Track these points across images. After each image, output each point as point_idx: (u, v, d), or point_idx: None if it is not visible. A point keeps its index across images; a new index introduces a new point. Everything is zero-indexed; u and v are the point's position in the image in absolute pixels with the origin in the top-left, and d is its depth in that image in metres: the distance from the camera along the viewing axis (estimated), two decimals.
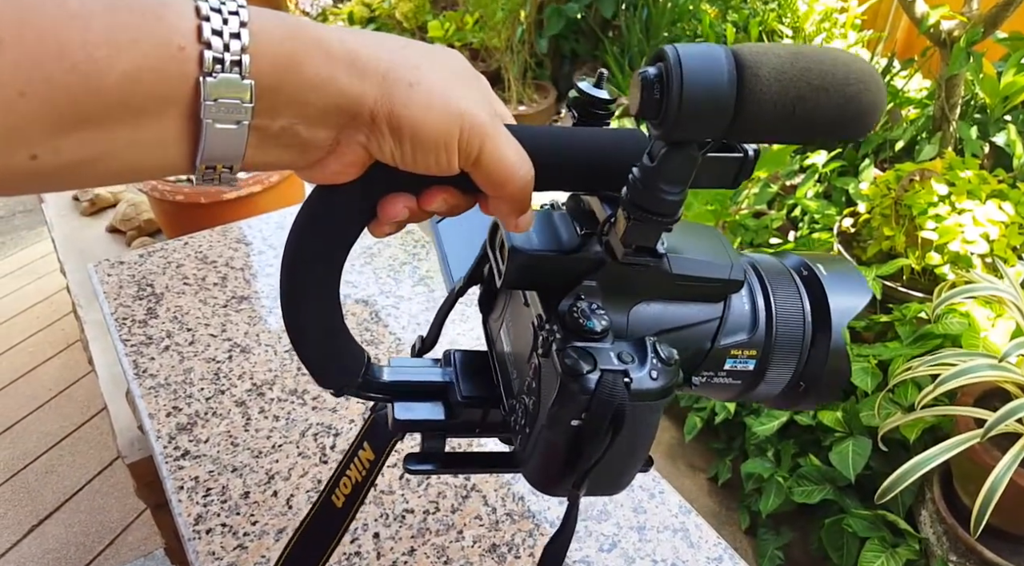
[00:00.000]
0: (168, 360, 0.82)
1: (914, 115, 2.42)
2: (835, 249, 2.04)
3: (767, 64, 0.30)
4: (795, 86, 0.30)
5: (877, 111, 0.31)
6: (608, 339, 0.37)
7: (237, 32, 0.27)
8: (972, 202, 1.73)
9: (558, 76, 3.44)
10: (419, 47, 0.33)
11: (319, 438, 0.73)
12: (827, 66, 0.30)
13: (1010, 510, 1.38)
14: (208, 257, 0.97)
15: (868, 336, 1.85)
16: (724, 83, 0.29)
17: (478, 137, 0.31)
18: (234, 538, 0.65)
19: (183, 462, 0.71)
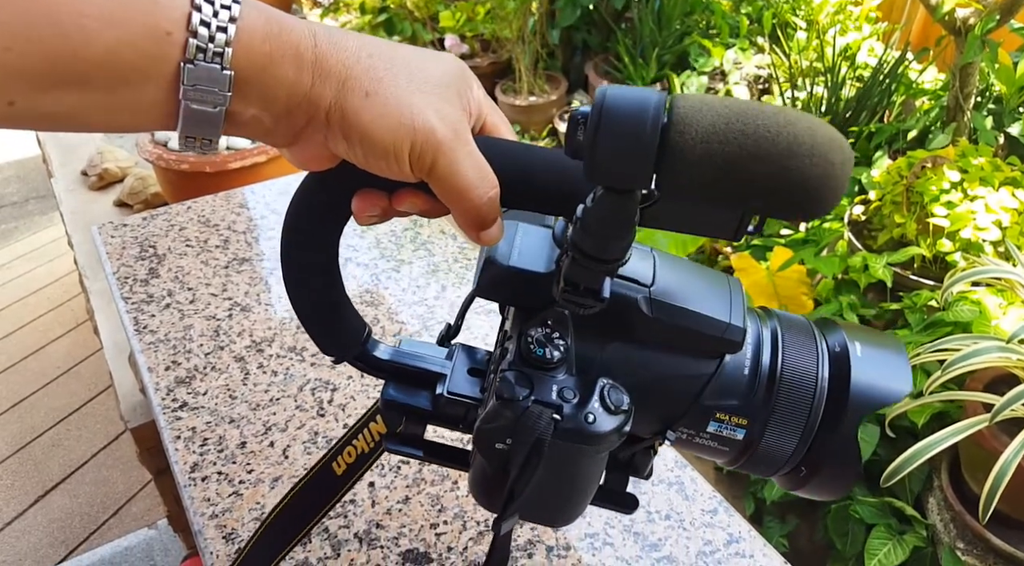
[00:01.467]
0: (168, 317, 0.82)
1: (927, 105, 2.40)
2: (845, 237, 2.03)
3: (699, 122, 0.27)
4: (725, 150, 0.27)
5: (828, 191, 0.28)
6: (560, 370, 0.36)
7: (224, 26, 0.29)
8: (985, 189, 1.71)
9: (569, 67, 3.44)
10: (395, 55, 0.33)
11: (316, 393, 0.73)
12: (769, 133, 0.27)
13: (1018, 496, 1.36)
14: (211, 221, 0.97)
15: (878, 324, 1.84)
16: (644, 133, 0.28)
17: (431, 151, 0.32)
18: (229, 485, 0.64)
19: (181, 413, 0.71)
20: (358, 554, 0.59)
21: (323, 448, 0.67)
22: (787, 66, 2.92)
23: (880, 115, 2.54)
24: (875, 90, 2.51)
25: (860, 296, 1.88)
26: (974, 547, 1.46)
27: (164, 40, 0.28)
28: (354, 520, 0.61)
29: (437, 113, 0.32)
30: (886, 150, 2.38)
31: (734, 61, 3.11)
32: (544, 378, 0.36)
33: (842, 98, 2.59)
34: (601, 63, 3.28)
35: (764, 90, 3.16)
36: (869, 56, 2.94)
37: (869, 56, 2.94)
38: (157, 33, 0.28)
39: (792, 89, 2.80)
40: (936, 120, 2.28)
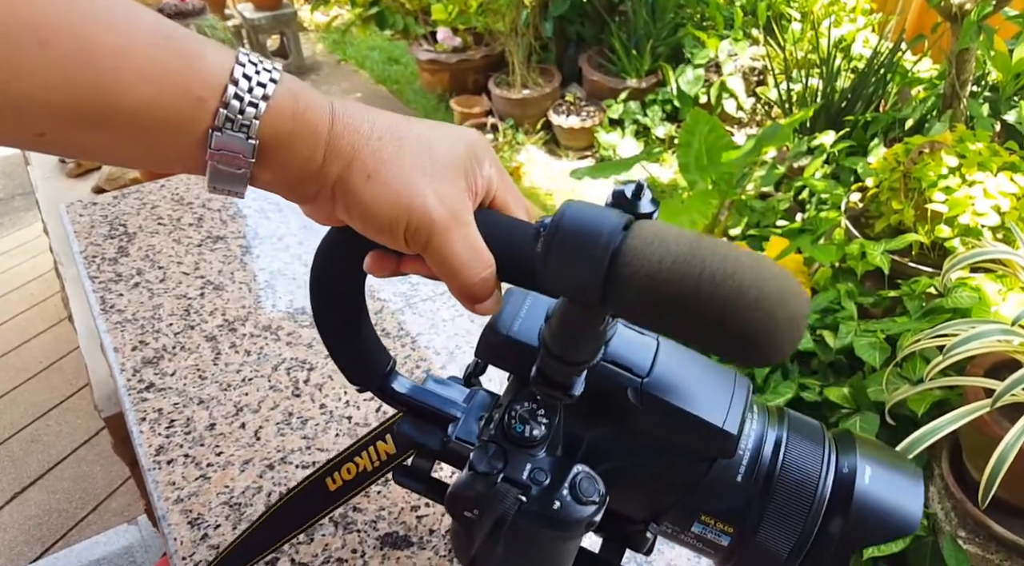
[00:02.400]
0: (137, 296, 0.78)
1: (923, 94, 2.37)
2: (843, 225, 2.00)
3: (647, 255, 0.27)
4: (667, 289, 0.27)
5: (769, 346, 0.27)
6: (539, 449, 0.36)
7: (256, 102, 0.31)
8: (983, 174, 1.69)
9: (563, 60, 3.40)
10: (405, 136, 0.34)
11: (292, 372, 0.69)
12: (713, 280, 0.26)
13: (1019, 483, 1.33)
14: (184, 199, 0.93)
15: (876, 312, 1.81)
16: (594, 256, 0.28)
17: (424, 232, 0.33)
18: (196, 468, 0.61)
19: (147, 394, 0.67)
20: (333, 539, 0.55)
21: (297, 430, 0.64)
22: (782, 58, 2.89)
23: (876, 104, 2.51)
24: (870, 79, 2.49)
25: (858, 284, 1.85)
26: (976, 535, 1.43)
27: (197, 105, 0.30)
28: None
29: (436, 194, 0.34)
30: (882, 139, 2.35)
31: (729, 53, 3.08)
32: (520, 455, 0.36)
33: (837, 89, 2.56)
34: (595, 56, 3.25)
35: (759, 81, 3.14)
36: (864, 47, 2.91)
37: (864, 47, 2.91)
38: (190, 97, 0.30)
39: (787, 81, 2.77)
40: (932, 108, 2.25)
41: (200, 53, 0.30)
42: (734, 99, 3.06)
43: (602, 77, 3.14)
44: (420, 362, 0.70)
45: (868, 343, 1.65)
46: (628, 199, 0.35)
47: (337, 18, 4.69)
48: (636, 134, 3.08)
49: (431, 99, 3.59)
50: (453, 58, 3.40)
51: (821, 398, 1.67)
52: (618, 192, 0.35)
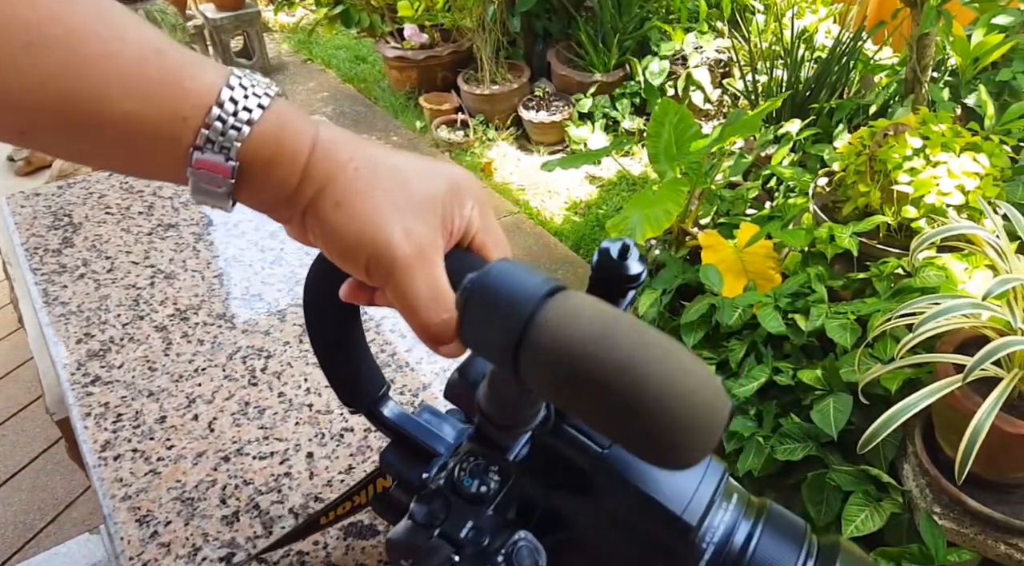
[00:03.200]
0: (82, 287, 0.74)
1: (886, 80, 2.39)
2: (811, 210, 2.00)
3: (559, 330, 0.25)
4: (570, 368, 0.25)
5: (663, 451, 0.25)
6: (485, 507, 0.34)
7: (240, 126, 0.30)
8: (947, 154, 1.70)
9: (532, 55, 3.38)
10: (383, 169, 0.34)
11: (248, 361, 0.66)
12: (616, 371, 0.24)
13: (992, 457, 1.34)
14: (134, 187, 0.89)
15: (846, 294, 1.81)
16: (508, 321, 0.26)
17: (385, 267, 0.33)
18: (145, 463, 0.57)
19: (92, 388, 0.63)
20: None
21: (254, 420, 0.61)
22: (747, 50, 2.90)
23: (840, 92, 2.53)
24: (833, 68, 2.50)
25: (827, 267, 1.85)
26: (951, 511, 1.44)
27: (180, 123, 0.30)
28: (289, 495, 0.55)
29: (403, 230, 0.33)
30: (847, 125, 2.37)
31: (694, 45, 3.09)
32: (464, 511, 0.34)
33: (801, 79, 2.58)
34: (563, 50, 3.24)
35: (725, 73, 3.15)
36: (826, 37, 2.94)
37: (826, 37, 2.94)
38: (174, 115, 0.30)
39: (753, 72, 2.78)
40: (895, 94, 2.27)
41: (190, 73, 0.30)
42: (701, 91, 3.07)
43: (570, 71, 3.13)
44: (419, 391, 0.66)
45: (839, 325, 1.65)
46: (614, 259, 0.34)
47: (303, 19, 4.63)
48: (606, 128, 3.08)
49: (399, 97, 3.55)
50: (421, 55, 3.36)
51: (794, 381, 1.66)
52: (604, 251, 0.34)
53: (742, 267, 2.00)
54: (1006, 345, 1.23)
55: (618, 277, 0.34)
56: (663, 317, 2.02)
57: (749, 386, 1.70)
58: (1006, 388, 1.29)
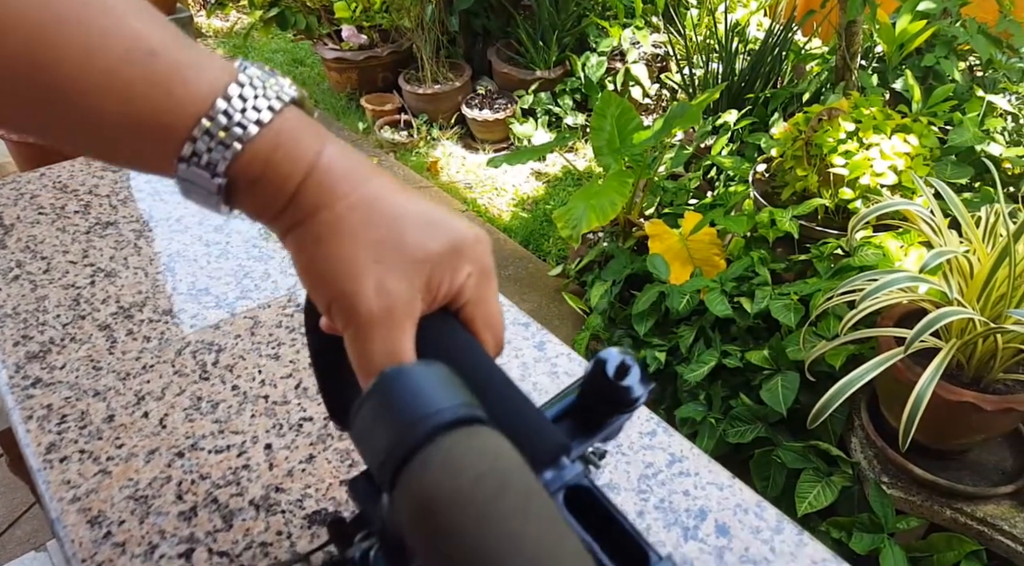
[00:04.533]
0: (17, 289, 0.71)
1: (817, 68, 2.47)
2: (751, 196, 2.05)
3: (438, 474, 0.23)
4: (431, 528, 0.22)
5: None
6: None
7: (230, 144, 0.28)
8: (878, 137, 1.76)
9: (472, 53, 3.38)
10: (382, 215, 0.31)
11: (199, 355, 0.64)
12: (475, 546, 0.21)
13: (934, 425, 1.39)
14: (68, 186, 0.85)
15: (789, 276, 1.86)
16: (393, 436, 0.24)
17: (343, 317, 0.31)
18: (95, 464, 0.55)
19: (33, 390, 0.61)
20: (255, 523, 0.51)
21: (208, 414, 0.59)
22: (683, 44, 2.95)
23: (774, 82, 2.60)
24: (766, 58, 2.57)
25: (770, 251, 1.90)
26: (898, 480, 1.49)
27: (163, 131, 0.28)
28: (248, 487, 0.53)
29: (377, 285, 0.30)
30: (782, 114, 2.44)
31: (632, 41, 3.13)
32: None
33: (736, 71, 2.64)
34: (503, 48, 3.24)
35: (662, 68, 3.20)
36: (758, 30, 3.01)
37: (758, 30, 3.01)
38: (157, 124, 0.28)
39: (689, 66, 2.83)
40: (826, 81, 2.34)
41: (183, 78, 0.28)
42: (639, 86, 3.11)
43: (512, 69, 3.14)
44: None
45: (783, 305, 1.69)
46: (610, 380, 0.30)
47: (236, 23, 4.53)
48: (549, 124, 3.10)
49: (340, 98, 3.51)
50: (360, 56, 3.33)
51: (743, 363, 1.70)
52: (599, 363, 0.30)
53: (688, 255, 2.04)
54: (943, 315, 1.28)
55: (615, 400, 0.30)
56: (613, 307, 2.04)
57: (700, 370, 1.73)
58: (945, 357, 1.34)
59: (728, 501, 0.52)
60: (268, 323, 0.67)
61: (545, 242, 2.62)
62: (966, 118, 1.95)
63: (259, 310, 0.69)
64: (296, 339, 0.65)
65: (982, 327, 1.32)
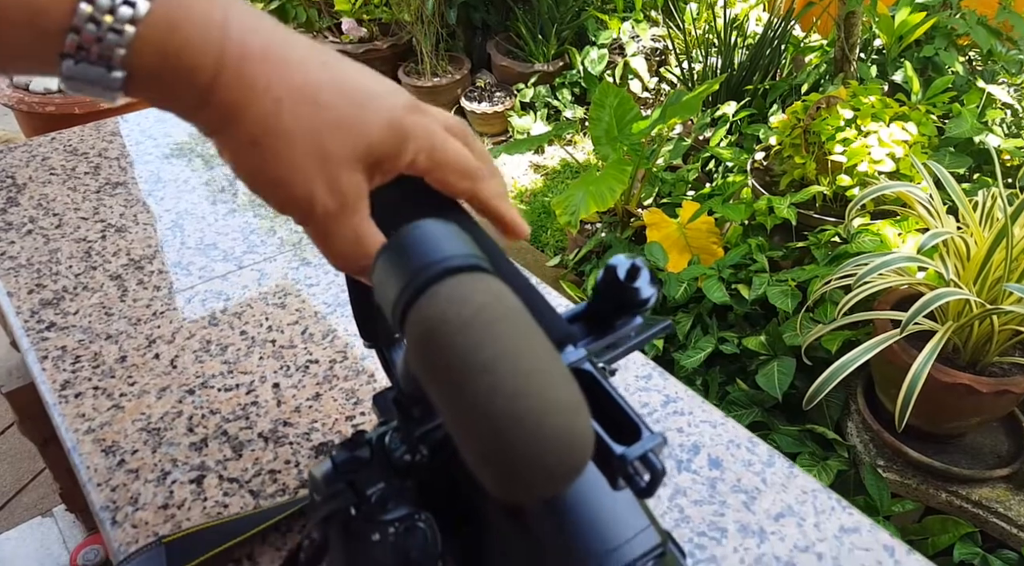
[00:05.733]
0: (31, 243, 0.72)
1: (816, 60, 2.49)
2: (749, 185, 2.07)
3: (441, 309, 0.23)
4: (432, 351, 0.23)
5: (506, 476, 0.21)
6: (404, 476, 0.33)
7: (120, 28, 0.24)
8: (877, 124, 1.78)
9: (471, 47, 3.40)
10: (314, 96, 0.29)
11: (207, 303, 0.65)
12: (477, 369, 0.22)
13: (930, 407, 1.40)
14: (79, 149, 0.87)
15: (786, 264, 1.88)
16: (400, 281, 0.25)
17: (298, 218, 0.30)
18: (108, 399, 0.56)
19: (48, 333, 0.62)
20: (263, 453, 0.52)
21: (217, 356, 0.60)
22: (681, 38, 2.97)
23: (772, 74, 2.62)
24: (765, 51, 2.59)
25: (767, 238, 1.91)
26: (893, 463, 1.50)
27: (39, 22, 0.24)
28: (257, 421, 0.55)
29: (328, 186, 0.29)
30: (780, 105, 2.45)
31: (631, 34, 3.15)
32: (381, 472, 0.33)
33: (735, 65, 2.66)
34: (503, 42, 3.26)
35: (661, 61, 3.22)
36: (757, 25, 3.03)
37: (757, 25, 3.03)
38: (29, 12, 0.24)
39: (688, 60, 2.85)
40: (825, 73, 2.36)
41: None
42: (639, 80, 3.13)
43: (511, 62, 3.15)
44: None
45: (780, 291, 1.71)
46: (621, 282, 0.31)
47: None
48: (547, 117, 3.11)
49: None
50: (360, 49, 3.34)
51: (739, 349, 1.72)
52: (610, 270, 0.31)
53: (686, 243, 2.05)
54: (940, 296, 1.29)
55: (627, 302, 0.31)
56: None
57: (697, 357, 1.74)
58: (940, 339, 1.36)
59: (721, 437, 0.53)
60: (274, 275, 0.68)
61: (543, 234, 2.64)
62: (965, 109, 1.97)
63: (265, 263, 0.70)
64: (301, 290, 0.67)
65: (978, 309, 1.33)
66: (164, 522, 0.48)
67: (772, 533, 0.46)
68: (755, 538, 0.46)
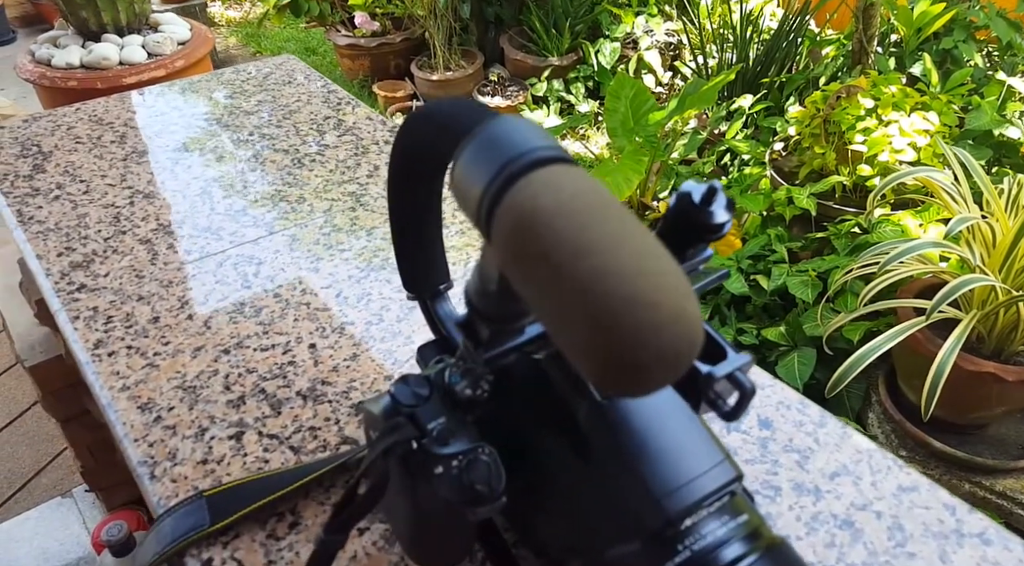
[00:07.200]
0: (59, 207, 0.71)
1: (833, 53, 2.47)
2: (768, 175, 2.05)
3: (536, 194, 0.22)
4: (529, 237, 0.21)
5: (618, 363, 0.20)
6: (466, 414, 0.33)
7: None
8: (898, 113, 1.76)
9: (484, 41, 3.39)
10: None
11: (240, 267, 0.64)
12: (579, 252, 0.20)
13: (955, 397, 1.39)
14: (104, 120, 0.86)
15: (805, 255, 1.86)
16: (487, 170, 0.24)
17: None
18: (142, 358, 0.55)
19: (79, 294, 0.61)
20: (302, 410, 0.51)
21: (251, 318, 0.59)
22: (696, 32, 2.96)
23: (789, 67, 2.60)
24: (781, 43, 2.57)
25: (786, 229, 1.90)
26: (916, 453, 1.48)
27: None
28: (295, 380, 0.53)
29: None
30: (797, 98, 2.44)
31: (645, 28, 3.14)
32: (442, 407, 0.33)
33: (750, 60, 2.64)
34: (516, 36, 3.25)
35: (675, 56, 3.21)
36: (772, 20, 3.02)
37: (772, 20, 3.02)
38: None
39: (702, 54, 2.84)
40: (843, 66, 2.34)
41: None
42: (652, 74, 3.12)
43: (524, 56, 3.14)
44: None
45: (800, 281, 1.69)
46: (696, 205, 0.29)
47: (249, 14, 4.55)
48: (560, 112, 3.10)
49: (352, 85, 3.52)
50: (373, 43, 3.34)
51: (758, 340, 1.70)
52: (684, 195, 0.30)
53: None
54: (967, 282, 1.27)
55: (700, 226, 0.29)
56: None
57: None
58: (966, 328, 1.34)
59: (770, 399, 0.52)
60: (306, 240, 0.67)
61: None
62: (984, 102, 1.95)
63: (296, 229, 0.69)
64: (334, 255, 0.66)
65: (1004, 296, 1.32)
66: (204, 477, 0.47)
67: (827, 491, 0.45)
68: (811, 496, 0.45)
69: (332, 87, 0.93)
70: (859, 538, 0.42)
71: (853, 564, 0.41)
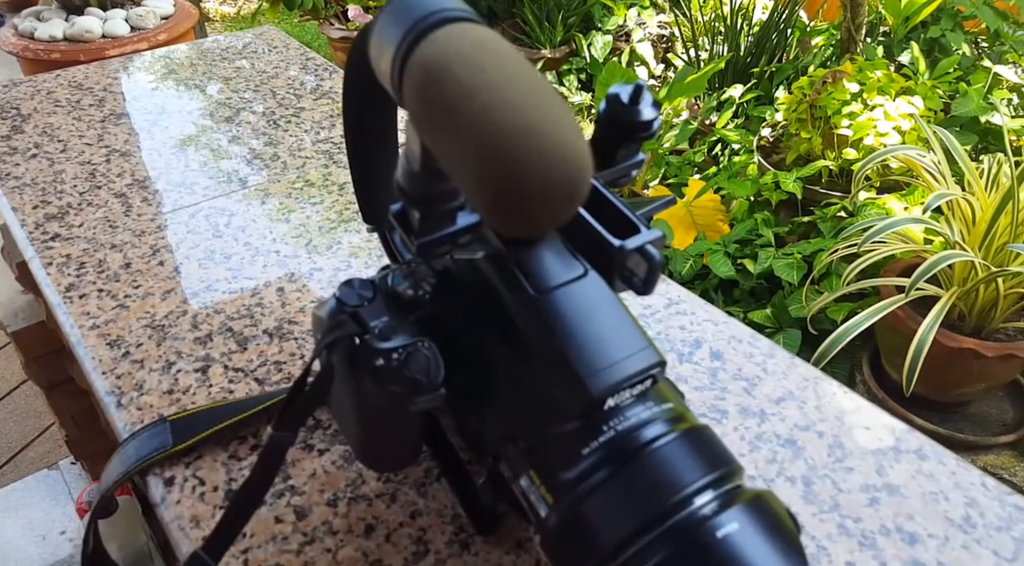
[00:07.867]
0: (36, 165, 0.72)
1: (822, 42, 2.48)
2: (755, 161, 2.06)
3: (439, 46, 0.23)
4: (429, 84, 0.22)
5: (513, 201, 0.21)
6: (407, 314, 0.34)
7: None
8: (883, 98, 1.77)
9: None
10: None
11: (211, 218, 0.65)
12: (475, 90, 0.21)
13: (936, 373, 1.40)
14: (84, 85, 0.87)
15: (792, 239, 1.87)
16: (399, 31, 0.24)
17: None
18: (112, 299, 0.56)
19: (53, 243, 0.62)
20: (268, 347, 0.52)
21: (221, 263, 0.60)
22: (688, 25, 2.97)
23: (779, 57, 2.61)
24: (771, 34, 2.59)
25: (773, 213, 1.91)
26: None
27: None
28: (262, 319, 0.54)
29: None
30: (787, 88, 2.45)
31: (637, 21, 3.15)
32: (385, 306, 0.34)
33: (741, 51, 2.65)
34: (509, 28, 3.26)
35: (667, 48, 3.22)
36: (763, 13, 3.03)
37: (763, 13, 3.03)
38: None
39: (694, 47, 2.85)
40: (831, 55, 2.36)
41: None
42: (645, 66, 3.13)
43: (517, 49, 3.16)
44: None
45: (786, 264, 1.70)
46: (624, 105, 0.31)
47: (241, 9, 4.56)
48: None
49: None
50: None
51: (745, 322, 1.71)
52: (613, 96, 0.31)
53: (691, 220, 2.05)
54: (946, 258, 1.29)
55: (628, 125, 0.31)
56: None
57: None
58: (946, 304, 1.35)
59: (722, 333, 0.53)
60: (278, 195, 0.68)
61: None
62: (971, 88, 1.96)
63: (269, 184, 0.70)
64: (305, 207, 0.67)
65: (983, 272, 1.33)
66: (169, 405, 0.48)
67: (772, 414, 0.46)
68: (755, 418, 0.46)
69: (310, 54, 0.94)
70: (800, 455, 0.43)
71: (793, 477, 0.42)
